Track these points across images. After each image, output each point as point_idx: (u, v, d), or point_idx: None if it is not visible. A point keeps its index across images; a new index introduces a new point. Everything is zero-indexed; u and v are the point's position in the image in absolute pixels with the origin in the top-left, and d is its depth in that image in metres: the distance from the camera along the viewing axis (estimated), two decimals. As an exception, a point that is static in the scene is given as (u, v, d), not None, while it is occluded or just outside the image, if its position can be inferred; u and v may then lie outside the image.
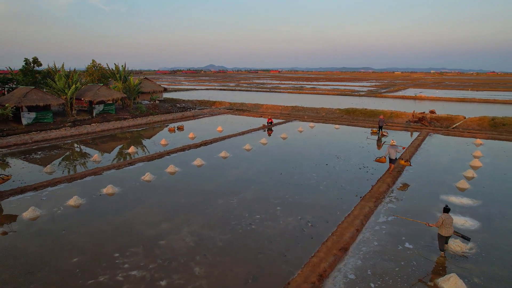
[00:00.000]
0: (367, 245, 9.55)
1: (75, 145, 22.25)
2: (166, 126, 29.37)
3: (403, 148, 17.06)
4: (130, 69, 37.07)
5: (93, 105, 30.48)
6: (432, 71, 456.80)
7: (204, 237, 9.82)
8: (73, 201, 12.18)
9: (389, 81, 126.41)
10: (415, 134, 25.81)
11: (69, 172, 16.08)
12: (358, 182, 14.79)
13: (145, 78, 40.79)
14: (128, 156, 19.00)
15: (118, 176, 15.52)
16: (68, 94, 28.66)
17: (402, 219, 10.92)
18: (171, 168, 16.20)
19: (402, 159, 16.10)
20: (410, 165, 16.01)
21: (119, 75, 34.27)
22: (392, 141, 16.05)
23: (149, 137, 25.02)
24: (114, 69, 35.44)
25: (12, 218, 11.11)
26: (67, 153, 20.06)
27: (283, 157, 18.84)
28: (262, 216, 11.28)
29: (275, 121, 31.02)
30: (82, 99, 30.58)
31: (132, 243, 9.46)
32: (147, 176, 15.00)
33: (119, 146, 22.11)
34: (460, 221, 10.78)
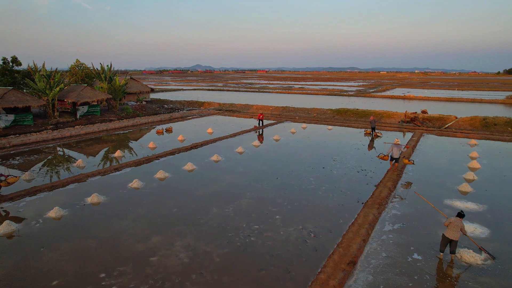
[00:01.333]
0: (376, 257, 8.91)
1: (58, 149, 21.02)
2: (154, 128, 28.29)
3: (407, 147, 17.11)
4: (115, 69, 35.72)
5: (76, 107, 29.10)
6: (416, 71, 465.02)
7: (200, 252, 8.99)
8: (54, 212, 11.16)
9: (376, 81, 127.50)
10: (408, 135, 25.52)
11: (50, 179, 14.97)
12: (358, 187, 14.20)
13: (131, 78, 39.45)
14: (114, 161, 17.95)
15: (104, 183, 14.51)
16: (50, 95, 27.26)
17: (422, 200, 11.55)
18: (160, 174, 15.27)
19: (405, 158, 16.23)
20: (413, 163, 16.17)
21: (104, 75, 32.91)
22: (396, 140, 16.39)
23: (136, 140, 23.94)
24: (99, 69, 34.07)
25: (-15, 233, 10.05)
26: (49, 158, 18.85)
27: (278, 160, 18.14)
28: (261, 226, 10.52)
29: (266, 122, 30.32)
30: (65, 100, 29.18)
31: (120, 261, 8.56)
32: (135, 183, 14.05)
33: (105, 150, 20.99)
34: (470, 228, 10.26)
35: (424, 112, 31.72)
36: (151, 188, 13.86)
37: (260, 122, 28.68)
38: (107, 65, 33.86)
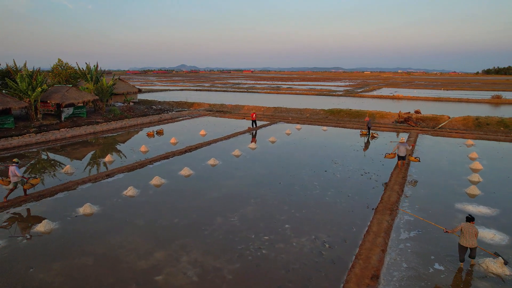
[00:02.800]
0: (398, 269, 8.37)
1: (42, 154, 19.76)
2: (142, 129, 27.18)
3: (412, 145, 17.75)
4: (100, 69, 34.29)
5: (61, 109, 27.70)
6: (399, 71, 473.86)
7: (209, 269, 8.24)
8: (42, 226, 10.16)
9: (361, 81, 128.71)
10: (403, 135, 25.33)
11: (36, 187, 13.80)
12: (364, 191, 13.71)
13: (118, 78, 38.06)
14: (105, 166, 16.91)
15: (96, 191, 13.52)
16: (33, 96, 25.80)
17: (422, 220, 10.65)
18: (156, 180, 14.38)
19: (411, 156, 16.91)
20: (419, 161, 16.88)
21: (90, 76, 31.51)
22: (402, 139, 16.41)
23: (127, 143, 22.83)
24: (84, 69, 32.63)
25: (-35, 252, 9.00)
26: (33, 164, 17.63)
27: (277, 164, 17.49)
28: (271, 237, 9.84)
29: (259, 123, 29.63)
30: (49, 101, 27.74)
31: (122, 281, 7.73)
32: (130, 191, 13.12)
33: (94, 154, 19.88)
34: (489, 235, 9.87)
35: (417, 112, 31.72)
36: (147, 196, 12.97)
37: (253, 122, 28.00)
38: (94, 65, 32.49)
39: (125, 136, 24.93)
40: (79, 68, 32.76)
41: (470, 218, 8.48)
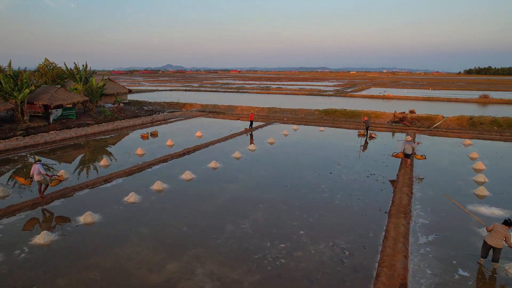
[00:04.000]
0: (423, 276, 8.07)
1: (32, 158, 18.77)
2: (135, 131, 26.34)
3: (417, 143, 18.26)
4: (89, 69, 33.15)
5: (49, 110, 26.57)
6: (384, 71, 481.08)
7: (227, 282, 7.74)
8: (41, 237, 9.45)
9: (349, 81, 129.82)
10: (398, 135, 25.34)
11: (30, 195, 12.99)
12: (373, 193, 13.44)
13: (108, 79, 36.92)
14: (101, 171, 16.12)
15: (94, 197, 12.81)
16: (19, 97, 24.63)
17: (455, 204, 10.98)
18: (158, 185, 13.75)
19: (416, 154, 17.14)
20: (425, 158, 17.30)
21: (79, 76, 30.38)
22: (407, 137, 16.58)
23: (121, 146, 22.00)
24: (72, 69, 31.45)
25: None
26: (23, 170, 16.69)
27: (280, 166, 17.08)
28: (287, 244, 9.41)
29: (255, 124, 29.15)
30: (36, 103, 26.54)
31: (136, 298, 7.16)
32: (132, 197, 12.47)
33: (88, 158, 19.05)
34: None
35: (412, 112, 31.87)
36: (150, 202, 12.35)
37: (251, 123, 27.58)
38: (82, 65, 31.34)
39: (118, 139, 24.06)
40: (67, 68, 31.52)
41: (509, 223, 8.37)
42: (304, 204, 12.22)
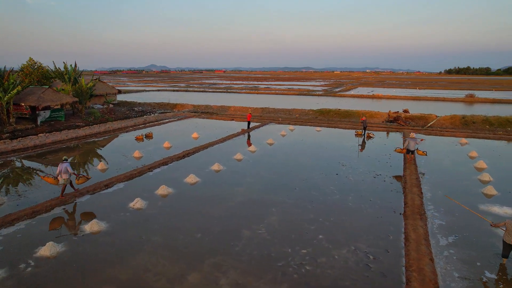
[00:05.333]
0: (452, 280, 7.92)
1: (22, 162, 17.83)
2: (128, 133, 25.51)
3: (421, 140, 18.53)
4: (78, 69, 32.00)
5: (37, 112, 25.44)
6: (367, 70, 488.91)
7: (255, 292, 7.37)
8: (47, 249, 8.81)
9: (335, 81, 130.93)
10: (394, 134, 25.49)
11: (27, 203, 12.21)
12: (383, 194, 13.31)
13: (97, 79, 35.77)
14: (100, 175, 15.40)
15: (97, 204, 12.18)
16: (5, 99, 23.45)
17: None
18: (163, 190, 13.21)
19: (419, 150, 17.80)
20: (426, 154, 18.00)
21: (68, 76, 29.24)
22: (411, 134, 17.23)
23: (116, 149, 21.20)
24: (60, 68, 30.26)
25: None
26: (14, 175, 15.81)
27: (284, 167, 16.78)
28: (308, 250, 9.10)
29: (251, 124, 28.74)
30: (22, 104, 25.39)
31: (161, 313, 6.69)
32: (137, 203, 11.90)
33: (83, 162, 18.21)
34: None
35: (405, 111, 32.16)
36: (157, 208, 11.82)
37: (248, 123, 27.24)
38: (71, 65, 30.19)
39: (112, 141, 23.22)
40: (56, 68, 30.29)
41: None
42: (317, 207, 11.95)
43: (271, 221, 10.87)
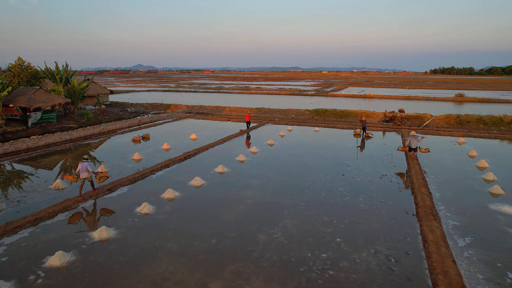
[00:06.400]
0: (478, 282, 7.84)
1: (15, 166, 17.11)
2: (124, 134, 24.88)
3: (422, 137, 18.48)
4: (70, 69, 31.09)
5: (28, 113, 24.58)
6: (354, 70, 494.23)
7: (282, 300, 7.12)
8: (56, 258, 8.37)
9: (324, 80, 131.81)
10: (391, 134, 25.64)
11: (28, 209, 11.65)
12: (393, 195, 13.25)
13: (90, 79, 34.86)
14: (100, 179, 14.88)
15: (103, 209, 11.71)
16: (-5, 100, 22.58)
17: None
18: (169, 193, 12.84)
19: (421, 147, 17.94)
20: (428, 151, 17.94)
21: (59, 76, 28.35)
22: (412, 132, 17.64)
23: (114, 151, 20.57)
24: (51, 68, 29.32)
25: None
26: (9, 180, 15.14)
27: (288, 168, 16.58)
28: (329, 254, 8.91)
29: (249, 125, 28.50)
30: (12, 105, 24.49)
31: (188, 326, 6.38)
32: (145, 208, 11.51)
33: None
34: (544, 237, 9.71)
35: (401, 111, 32.41)
36: (166, 213, 11.45)
37: (247, 123, 26.99)
38: (63, 65, 29.30)
39: (109, 143, 22.61)
40: (46, 68, 29.32)
41: None
42: (330, 209, 11.79)
43: (286, 224, 10.64)
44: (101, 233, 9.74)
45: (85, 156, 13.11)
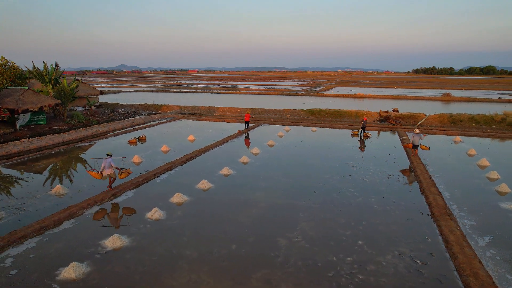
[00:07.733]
0: (509, 283, 7.81)
1: (9, 172, 16.26)
2: (118, 136, 24.14)
3: (424, 135, 19.01)
4: (59, 68, 29.97)
5: (16, 115, 23.52)
6: (339, 70, 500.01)
7: (317, 307, 6.88)
8: (71, 270, 7.87)
9: (311, 80, 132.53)
10: (388, 134, 25.84)
11: (30, 217, 11.00)
12: (403, 195, 13.23)
13: (78, 79, 33.72)
14: (102, 183, 14.27)
15: (111, 215, 11.20)
16: (-18, 101, 21.48)
17: None
18: (178, 197, 12.41)
19: (422, 145, 18.60)
20: (429, 149, 18.54)
21: (48, 77, 27.28)
22: (415, 130, 18.31)
23: (111, 154, 19.82)
24: (39, 68, 28.19)
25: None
26: (4, 186, 14.34)
27: (295, 170, 16.38)
28: (354, 258, 8.72)
29: (242, 125, 28.17)
30: (-1, 107, 23.39)
31: None
32: (156, 213, 11.07)
33: (80, 169, 16.91)
34: (561, 235, 9.81)
35: (395, 110, 32.74)
36: (178, 218, 11.04)
37: (246, 124, 26.69)
38: (51, 65, 28.21)
39: (104, 145, 21.84)
40: (35, 68, 28.13)
41: None
42: (345, 210, 11.64)
43: (303, 227, 10.41)
44: (114, 241, 9.26)
45: (109, 153, 13.19)
